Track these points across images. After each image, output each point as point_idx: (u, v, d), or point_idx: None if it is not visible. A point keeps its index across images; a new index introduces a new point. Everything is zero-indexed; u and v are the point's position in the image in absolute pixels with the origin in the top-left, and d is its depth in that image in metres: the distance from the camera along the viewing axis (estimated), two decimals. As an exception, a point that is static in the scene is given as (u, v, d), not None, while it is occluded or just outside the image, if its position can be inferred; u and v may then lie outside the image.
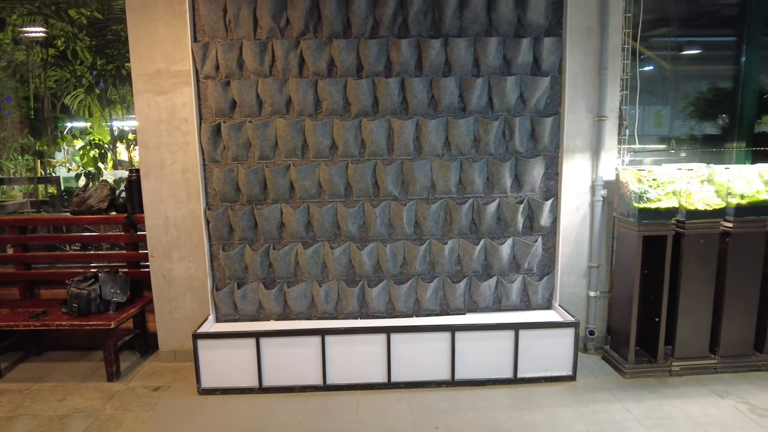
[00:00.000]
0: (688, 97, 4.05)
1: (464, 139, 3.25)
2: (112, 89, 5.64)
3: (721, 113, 3.90)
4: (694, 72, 3.95)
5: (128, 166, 6.11)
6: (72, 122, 6.26)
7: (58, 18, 5.66)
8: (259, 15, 3.11)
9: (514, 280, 3.42)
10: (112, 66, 5.49)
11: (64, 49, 5.75)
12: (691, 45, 3.90)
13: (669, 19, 3.77)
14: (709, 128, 3.97)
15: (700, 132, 4.03)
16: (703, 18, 3.87)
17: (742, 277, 3.13)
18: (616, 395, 2.97)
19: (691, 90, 3.98)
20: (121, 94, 5.74)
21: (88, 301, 3.21)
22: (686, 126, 4.01)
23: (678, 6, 3.82)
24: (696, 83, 3.95)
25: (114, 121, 6.29)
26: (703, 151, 3.90)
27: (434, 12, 3.16)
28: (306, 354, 3.11)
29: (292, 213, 3.26)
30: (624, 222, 3.22)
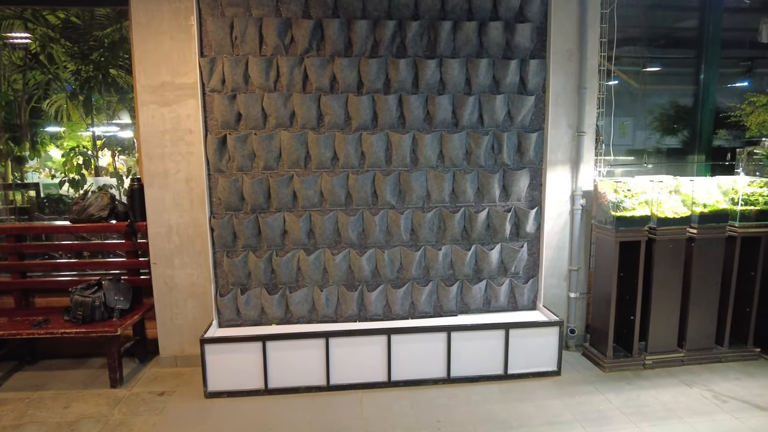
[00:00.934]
0: (653, 113, 4.43)
1: (457, 152, 3.48)
2: (98, 96, 5.61)
3: (683, 128, 4.29)
4: (659, 90, 4.32)
5: (111, 173, 6.08)
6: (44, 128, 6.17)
7: (35, 21, 5.61)
8: (264, 33, 3.26)
9: (502, 283, 3.67)
10: (97, 73, 5.47)
11: (36, 52, 5.68)
12: (655, 64, 4.26)
13: (636, 40, 4.12)
14: (672, 142, 4.35)
15: (664, 145, 4.41)
16: (667, 39, 4.25)
17: (705, 277, 3.48)
18: (597, 387, 3.25)
19: (655, 106, 4.35)
20: (107, 101, 5.72)
21: (93, 309, 3.25)
22: (652, 139, 4.38)
23: (643, 28, 4.18)
24: (660, 100, 4.33)
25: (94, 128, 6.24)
26: (668, 163, 4.28)
27: (430, 34, 3.39)
28: (310, 356, 3.26)
29: (295, 221, 3.41)
30: (602, 229, 3.53)
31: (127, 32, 5.64)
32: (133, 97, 5.88)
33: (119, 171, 5.88)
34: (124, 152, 6.20)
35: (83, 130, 6.38)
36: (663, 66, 4.24)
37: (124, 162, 6.70)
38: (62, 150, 6.40)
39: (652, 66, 4.26)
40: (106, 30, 5.75)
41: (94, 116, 5.87)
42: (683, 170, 4.20)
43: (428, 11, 3.35)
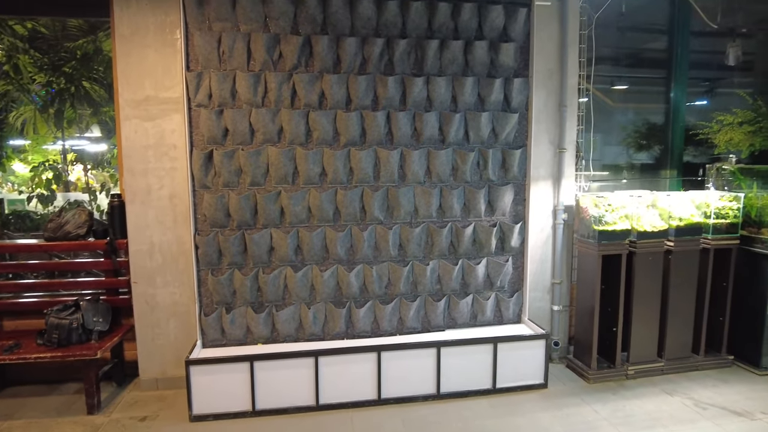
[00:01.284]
0: (627, 130, 4.60)
1: (444, 168, 3.53)
2: (70, 109, 5.44)
3: (655, 145, 4.47)
4: (633, 107, 4.51)
5: (82, 188, 5.87)
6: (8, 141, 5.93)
7: (2, 31, 5.41)
8: (253, 48, 3.24)
9: (489, 297, 3.71)
10: (70, 85, 5.31)
11: (1, 62, 5.48)
12: (623, 83, 4.45)
13: (611, 59, 4.29)
14: (645, 158, 4.53)
15: (638, 161, 4.58)
16: (640, 60, 4.44)
17: (681, 288, 3.62)
18: (584, 399, 3.31)
19: (629, 123, 4.53)
20: (79, 114, 5.55)
21: (70, 331, 3.11)
22: (627, 156, 4.55)
23: (618, 49, 4.36)
24: (634, 117, 4.51)
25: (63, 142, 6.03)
26: (642, 178, 4.45)
27: (417, 52, 3.44)
28: (299, 375, 3.20)
29: (282, 237, 3.37)
30: (584, 243, 3.62)
31: (102, 44, 5.53)
32: (107, 110, 5.75)
33: (92, 187, 5.68)
34: (97, 167, 6.00)
35: (50, 144, 6.16)
36: (636, 85, 4.42)
37: (95, 177, 6.49)
38: (27, 164, 6.16)
39: (621, 84, 4.44)
40: (78, 41, 5.60)
41: (65, 129, 5.67)
42: (656, 185, 4.38)
43: (415, 30, 3.41)
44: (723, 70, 4.58)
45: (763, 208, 3.55)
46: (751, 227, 3.63)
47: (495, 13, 3.48)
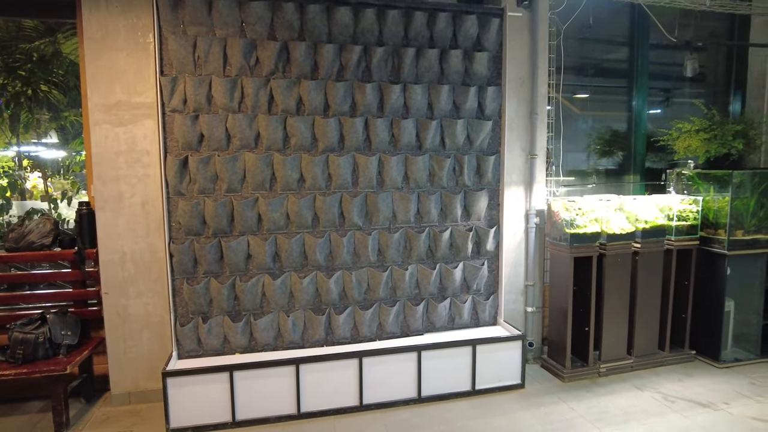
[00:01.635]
0: (591, 137, 4.79)
1: (421, 174, 3.58)
2: (26, 113, 5.18)
3: (619, 151, 4.68)
4: (599, 116, 4.69)
5: (40, 196, 5.60)
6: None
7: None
8: (229, 53, 3.20)
9: (466, 300, 3.78)
10: (27, 88, 5.06)
11: None
12: (593, 92, 4.64)
13: (577, 69, 4.46)
14: (610, 163, 4.72)
15: (602, 167, 4.77)
16: (604, 70, 4.64)
17: (647, 288, 3.79)
18: (560, 397, 3.40)
19: (594, 130, 4.71)
20: (36, 119, 5.30)
21: (35, 346, 2.96)
22: (591, 161, 4.73)
23: (584, 59, 4.54)
24: (598, 125, 4.70)
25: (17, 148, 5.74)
26: (607, 183, 4.63)
27: (394, 60, 3.49)
28: (280, 384, 3.15)
29: (260, 244, 3.32)
30: (557, 246, 3.74)
31: (61, 46, 5.31)
32: (67, 115, 5.52)
33: (51, 195, 5.42)
34: (57, 174, 5.73)
35: (2, 149, 5.84)
36: (601, 94, 4.61)
37: (52, 184, 6.19)
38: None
39: (586, 93, 4.62)
40: (34, 43, 5.36)
41: (21, 135, 5.40)
42: (621, 189, 4.56)
43: (392, 38, 3.46)
44: (677, 81, 4.85)
45: (719, 210, 3.77)
46: (709, 228, 3.84)
47: (469, 22, 3.57)
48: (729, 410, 3.17)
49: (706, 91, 4.99)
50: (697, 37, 4.54)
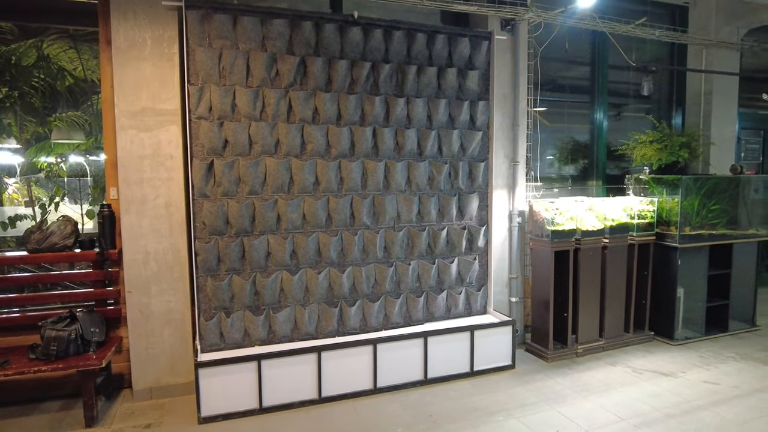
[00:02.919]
0: (559, 147, 5.37)
1: (422, 178, 3.96)
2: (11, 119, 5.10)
3: (583, 159, 5.28)
4: (566, 127, 5.28)
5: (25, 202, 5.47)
6: None
7: None
8: (252, 65, 3.45)
9: (460, 291, 4.18)
10: (12, 92, 5.00)
11: None
12: (562, 106, 5.23)
13: (549, 86, 5.03)
14: (576, 170, 5.32)
15: (569, 173, 5.36)
16: (570, 87, 5.23)
17: (614, 278, 4.35)
18: (547, 374, 3.87)
19: (561, 141, 5.29)
20: (22, 123, 5.21)
21: (68, 343, 3.05)
22: (560, 168, 5.31)
23: (554, 76, 5.11)
24: (566, 136, 5.29)
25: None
26: (574, 187, 5.22)
27: (398, 76, 3.86)
28: (303, 371, 3.41)
29: (280, 242, 3.58)
30: (538, 241, 4.24)
31: (45, 51, 5.28)
32: (53, 120, 5.46)
33: (40, 200, 5.32)
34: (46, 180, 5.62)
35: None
36: (567, 108, 5.20)
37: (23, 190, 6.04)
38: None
39: (556, 107, 5.20)
40: (10, 46, 5.29)
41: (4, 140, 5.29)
42: (586, 192, 5.16)
43: (396, 56, 3.83)
44: (628, 97, 5.54)
45: (671, 210, 4.41)
46: (663, 225, 4.48)
47: (463, 44, 4.02)
48: (686, 377, 3.76)
49: (652, 107, 5.72)
50: (644, 60, 5.23)
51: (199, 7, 3.31)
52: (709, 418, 3.16)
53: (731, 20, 5.20)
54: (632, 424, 3.09)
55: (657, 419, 3.14)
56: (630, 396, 3.46)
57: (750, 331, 4.72)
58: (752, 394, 3.47)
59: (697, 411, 3.24)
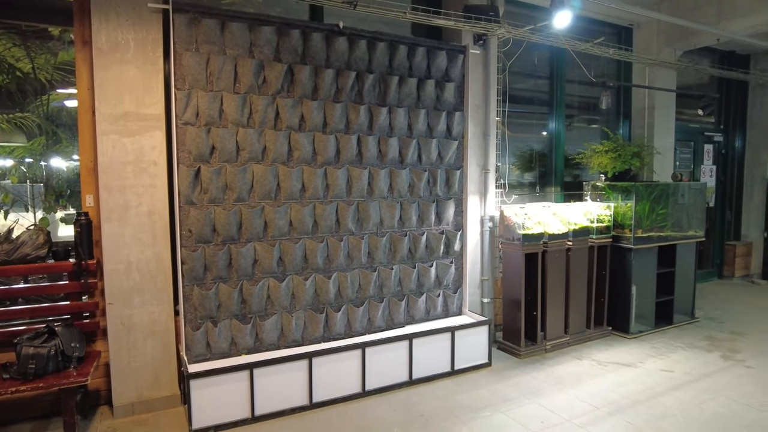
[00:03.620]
0: (518, 155, 5.70)
1: (403, 185, 4.09)
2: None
3: (542, 166, 5.64)
4: (527, 137, 5.61)
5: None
6: None
7: None
8: (240, 71, 3.43)
9: (438, 294, 4.35)
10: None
11: None
12: (524, 117, 5.55)
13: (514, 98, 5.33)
14: (536, 177, 5.66)
15: (529, 180, 5.70)
16: (531, 97, 5.57)
17: (577, 278, 4.69)
18: (522, 370, 4.10)
19: (520, 150, 5.62)
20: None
21: (47, 360, 2.88)
22: (521, 175, 5.63)
23: (516, 89, 5.42)
24: (525, 145, 5.62)
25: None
26: (533, 193, 5.55)
27: (381, 86, 3.97)
28: (294, 378, 3.42)
29: (267, 249, 3.57)
30: (510, 245, 4.48)
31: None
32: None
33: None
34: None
35: None
36: (528, 119, 5.54)
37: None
38: None
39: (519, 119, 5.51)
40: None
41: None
42: (544, 198, 5.50)
43: (379, 66, 3.94)
44: (580, 110, 5.98)
45: (625, 214, 4.82)
46: (618, 228, 4.88)
47: (440, 57, 4.20)
48: (644, 366, 4.12)
49: (601, 119, 6.20)
50: (595, 76, 5.68)
51: (186, 11, 3.26)
52: (670, 402, 3.50)
53: (670, 42, 5.77)
54: (606, 412, 3.37)
55: (627, 406, 3.44)
56: (600, 386, 3.76)
57: (691, 323, 5.24)
58: (702, 379, 3.88)
59: (659, 396, 3.59)
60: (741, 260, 7.15)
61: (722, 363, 4.19)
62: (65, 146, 4.22)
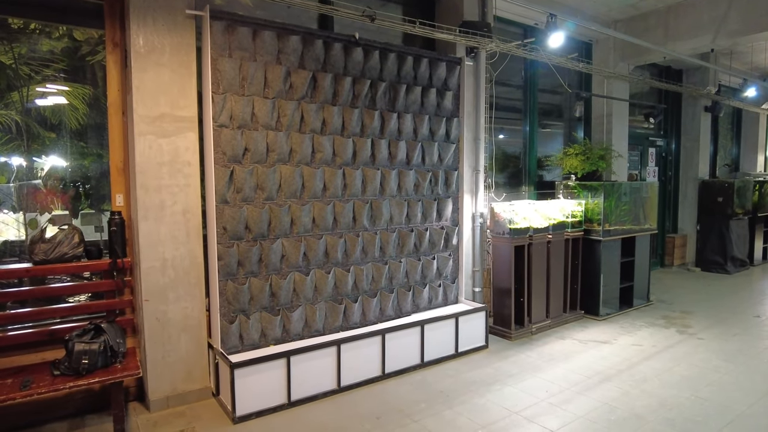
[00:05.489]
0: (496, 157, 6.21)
1: (410, 185, 4.44)
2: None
3: (517, 167, 6.19)
4: (504, 141, 6.13)
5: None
6: None
7: None
8: (269, 77, 3.63)
9: (439, 284, 4.74)
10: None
11: None
12: (503, 123, 6.07)
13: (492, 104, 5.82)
14: (511, 177, 6.20)
15: (506, 179, 6.22)
16: (506, 106, 6.09)
17: (556, 268, 5.25)
18: (517, 350, 4.58)
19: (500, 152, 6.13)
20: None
21: (98, 356, 2.96)
22: (500, 175, 6.14)
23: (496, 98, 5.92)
24: (503, 147, 6.14)
25: None
26: (510, 192, 6.08)
27: (391, 93, 4.29)
28: (324, 364, 3.67)
29: (294, 245, 3.79)
30: (500, 238, 4.96)
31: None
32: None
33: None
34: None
35: None
36: (505, 124, 6.06)
37: None
38: None
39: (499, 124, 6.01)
40: None
41: None
42: (519, 196, 6.05)
43: (389, 75, 4.26)
44: (544, 116, 6.60)
45: (594, 210, 5.44)
46: (588, 223, 5.50)
47: (441, 68, 4.58)
48: (618, 343, 4.74)
49: (564, 124, 6.86)
50: (555, 84, 6.29)
51: (222, 18, 3.41)
52: (645, 369, 4.10)
53: (625, 58, 6.52)
54: (597, 380, 3.90)
55: (612, 375, 4.00)
56: (587, 360, 4.30)
57: (647, 306, 5.99)
58: (666, 350, 4.53)
59: (636, 366, 4.18)
60: (679, 250, 8.15)
61: (679, 336, 4.90)
62: (49, 145, 4.01)
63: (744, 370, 4.07)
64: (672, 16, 6.07)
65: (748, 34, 5.59)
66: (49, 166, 4.14)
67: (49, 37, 3.64)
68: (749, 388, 3.75)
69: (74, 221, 3.92)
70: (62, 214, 3.98)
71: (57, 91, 3.72)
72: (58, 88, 3.70)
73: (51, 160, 4.26)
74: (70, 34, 3.66)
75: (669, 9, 6.09)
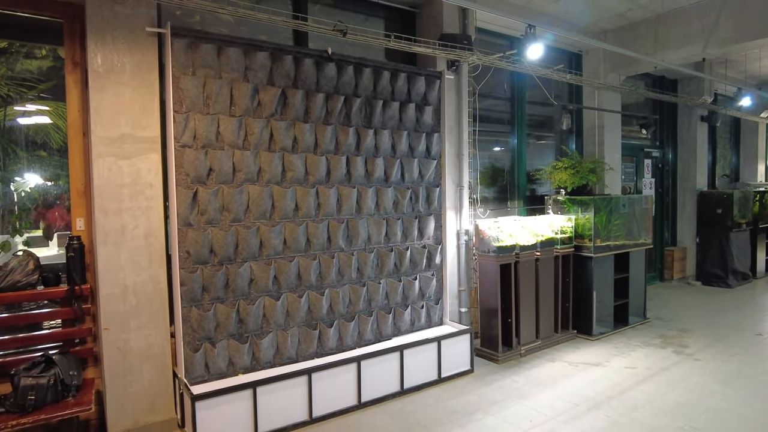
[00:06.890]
0: (481, 171, 6.06)
1: (389, 203, 4.29)
2: None
3: (504, 182, 6.02)
4: (492, 155, 5.98)
5: None
6: None
7: None
8: (236, 95, 3.51)
9: (422, 306, 4.55)
10: None
11: None
12: (489, 136, 5.93)
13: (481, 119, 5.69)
14: (499, 191, 6.03)
15: (493, 194, 6.06)
16: (494, 118, 5.95)
17: (545, 286, 5.06)
18: (503, 375, 4.38)
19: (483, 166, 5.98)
20: None
21: (47, 390, 2.80)
22: (486, 190, 5.98)
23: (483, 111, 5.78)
24: (490, 161, 5.99)
25: None
26: (499, 208, 5.92)
27: (367, 109, 4.16)
28: (294, 394, 3.49)
29: (263, 269, 3.63)
30: (485, 257, 4.78)
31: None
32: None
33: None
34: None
35: None
36: (493, 137, 5.91)
37: None
38: None
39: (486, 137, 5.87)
40: None
41: None
42: (509, 212, 5.88)
43: (365, 90, 4.14)
44: (535, 128, 6.45)
45: (584, 225, 5.26)
46: (579, 239, 5.31)
47: (420, 82, 4.46)
48: (610, 365, 4.52)
49: (556, 136, 6.71)
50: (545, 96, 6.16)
51: (183, 35, 3.31)
52: (637, 395, 3.88)
53: (615, 68, 6.38)
54: (586, 408, 3.69)
55: (602, 401, 3.78)
56: (575, 385, 4.09)
57: (644, 323, 5.77)
58: (661, 373, 4.31)
59: (628, 391, 3.96)
60: (678, 264, 7.91)
61: (675, 358, 4.68)
62: (21, 165, 3.87)
63: (743, 395, 3.85)
64: (662, 25, 5.93)
65: (739, 42, 5.44)
66: (27, 186, 4.03)
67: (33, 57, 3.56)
68: (747, 415, 3.53)
69: (50, 243, 3.82)
70: (35, 235, 3.87)
71: (37, 110, 3.64)
72: (39, 108, 3.61)
73: (33, 180, 4.16)
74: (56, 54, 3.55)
75: (659, 18, 5.96)
